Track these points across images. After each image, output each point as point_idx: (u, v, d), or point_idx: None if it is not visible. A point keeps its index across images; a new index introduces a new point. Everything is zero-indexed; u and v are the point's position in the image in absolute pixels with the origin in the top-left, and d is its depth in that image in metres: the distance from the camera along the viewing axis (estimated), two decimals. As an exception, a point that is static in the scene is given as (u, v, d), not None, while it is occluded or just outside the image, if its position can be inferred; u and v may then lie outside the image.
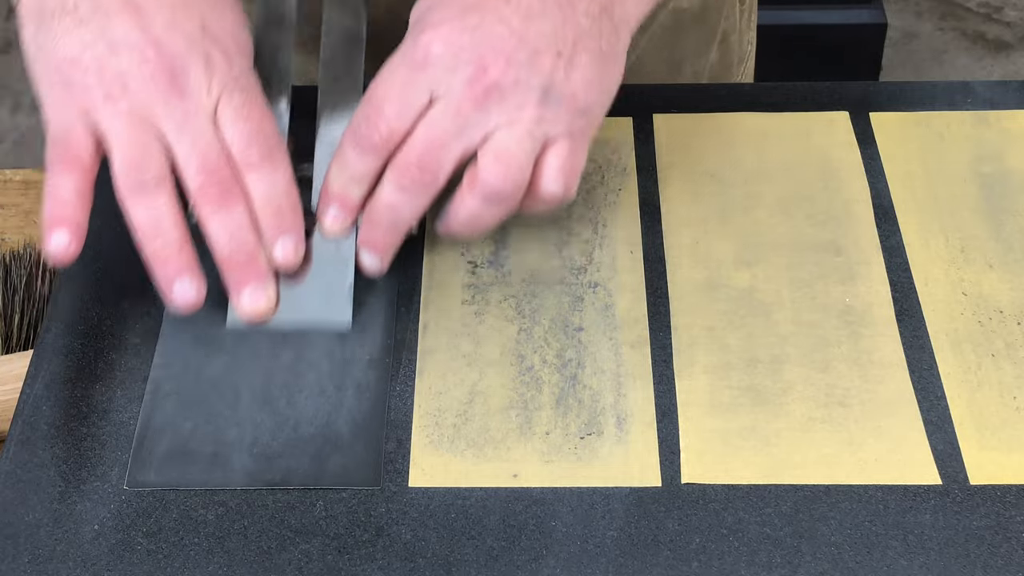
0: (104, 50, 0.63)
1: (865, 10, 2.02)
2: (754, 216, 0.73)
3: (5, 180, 0.94)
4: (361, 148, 0.64)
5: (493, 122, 0.62)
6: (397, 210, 0.64)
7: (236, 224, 0.63)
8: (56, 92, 0.63)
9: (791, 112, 0.78)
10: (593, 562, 0.58)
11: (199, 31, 0.64)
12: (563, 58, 0.63)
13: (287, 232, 0.65)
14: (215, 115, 0.64)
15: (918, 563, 0.58)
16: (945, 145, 0.76)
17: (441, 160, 0.63)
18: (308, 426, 0.63)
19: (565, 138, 0.64)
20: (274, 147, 0.65)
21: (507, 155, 0.62)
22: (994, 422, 0.63)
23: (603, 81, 0.65)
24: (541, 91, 0.62)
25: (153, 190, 0.62)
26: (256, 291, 0.65)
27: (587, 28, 0.64)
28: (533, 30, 0.63)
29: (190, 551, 0.59)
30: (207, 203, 0.63)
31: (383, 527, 0.60)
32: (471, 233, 0.66)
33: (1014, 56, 2.28)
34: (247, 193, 0.64)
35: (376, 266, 0.67)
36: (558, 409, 0.64)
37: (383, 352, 0.66)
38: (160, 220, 0.62)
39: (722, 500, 0.60)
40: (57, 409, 0.64)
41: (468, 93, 0.62)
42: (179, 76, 0.63)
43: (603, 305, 0.68)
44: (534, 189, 0.64)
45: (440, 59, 0.62)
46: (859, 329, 0.67)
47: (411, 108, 0.63)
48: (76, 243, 0.62)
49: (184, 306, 0.63)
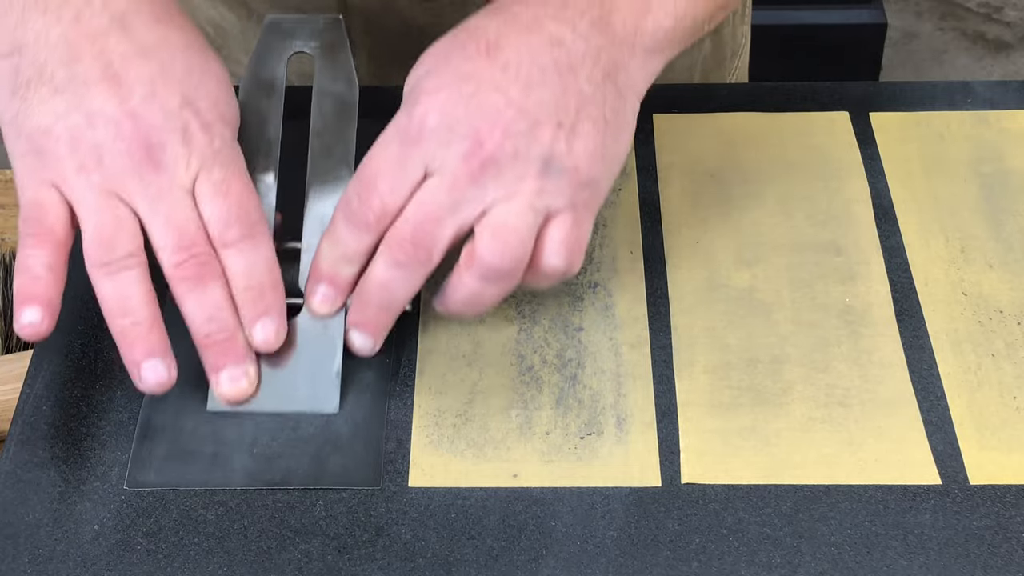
0: (79, 121, 0.60)
1: (865, 10, 2.01)
2: (754, 216, 0.73)
3: (5, 180, 0.94)
4: (353, 225, 0.62)
5: (491, 197, 0.60)
6: (390, 289, 0.62)
7: (213, 304, 0.61)
8: (28, 162, 0.61)
9: (791, 112, 0.78)
10: (593, 562, 0.58)
11: (179, 103, 0.61)
12: (564, 128, 0.60)
13: (267, 313, 0.62)
14: (193, 191, 0.61)
15: (918, 563, 0.58)
16: (945, 145, 0.77)
17: (436, 236, 0.60)
18: (308, 426, 0.63)
19: (568, 211, 0.61)
20: (255, 224, 0.62)
21: (505, 230, 0.60)
22: (994, 422, 0.63)
23: (608, 151, 0.62)
24: (541, 163, 0.60)
25: (122, 267, 0.60)
26: (235, 373, 0.62)
27: (590, 95, 0.61)
28: (532, 99, 0.60)
29: (190, 551, 0.59)
30: (183, 283, 0.61)
31: (383, 527, 0.60)
32: (471, 312, 0.63)
33: (1014, 56, 2.28)
34: (226, 271, 0.61)
35: (368, 347, 0.64)
36: (558, 409, 0.64)
37: (383, 352, 0.66)
38: (128, 298, 0.60)
39: (722, 500, 0.60)
40: (57, 409, 0.64)
41: (464, 168, 0.60)
42: (155, 150, 0.60)
43: (603, 305, 0.68)
44: (536, 264, 0.61)
45: (434, 132, 0.60)
46: (859, 329, 0.67)
47: (405, 183, 0.61)
48: (48, 320, 0.60)
49: (154, 388, 0.61)
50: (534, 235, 0.61)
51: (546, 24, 0.61)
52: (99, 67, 0.61)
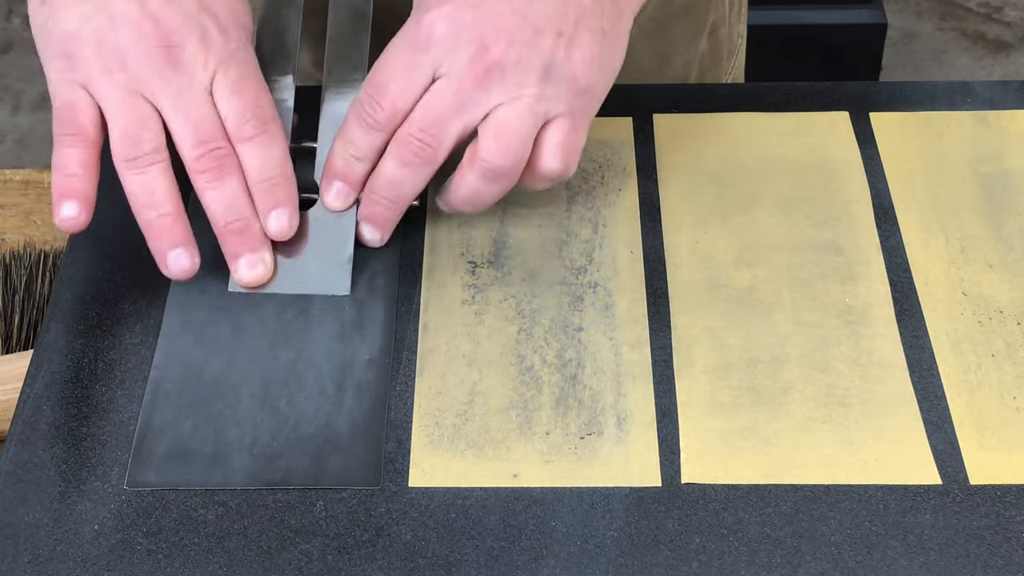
0: (103, 23, 0.64)
1: (865, 10, 2.01)
2: (754, 216, 0.73)
3: (5, 180, 0.94)
4: (365, 125, 0.66)
5: (494, 100, 0.64)
6: (398, 185, 0.66)
7: (231, 196, 0.65)
8: (57, 65, 0.65)
9: (791, 112, 0.78)
10: (593, 562, 0.58)
11: (196, 6, 0.65)
12: (564, 37, 0.64)
13: (281, 205, 0.66)
14: (211, 89, 0.65)
15: (918, 563, 0.58)
16: (945, 145, 0.76)
17: (442, 136, 0.64)
18: (308, 426, 0.63)
19: (566, 116, 0.65)
20: (269, 120, 0.66)
21: (507, 131, 0.64)
22: (994, 422, 0.63)
23: (604, 61, 0.66)
24: (542, 69, 0.64)
25: (147, 163, 0.64)
26: (253, 260, 0.67)
27: (589, 8, 0.65)
28: (535, 9, 0.64)
29: (190, 551, 0.59)
30: (202, 175, 0.65)
31: (383, 527, 0.60)
32: (472, 208, 0.67)
33: (1014, 56, 2.28)
34: (242, 165, 0.66)
35: (377, 239, 0.69)
36: (558, 409, 0.64)
37: (383, 352, 0.66)
38: (154, 192, 0.64)
39: (722, 500, 0.60)
40: (57, 409, 0.64)
41: (469, 71, 0.63)
42: (175, 50, 0.64)
43: (603, 305, 0.68)
44: (533, 165, 0.65)
45: (443, 39, 0.64)
46: (859, 329, 0.67)
47: (414, 86, 0.65)
48: (85, 214, 0.64)
49: (179, 275, 0.66)
50: (533, 137, 0.65)
51: None
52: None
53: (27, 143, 2.20)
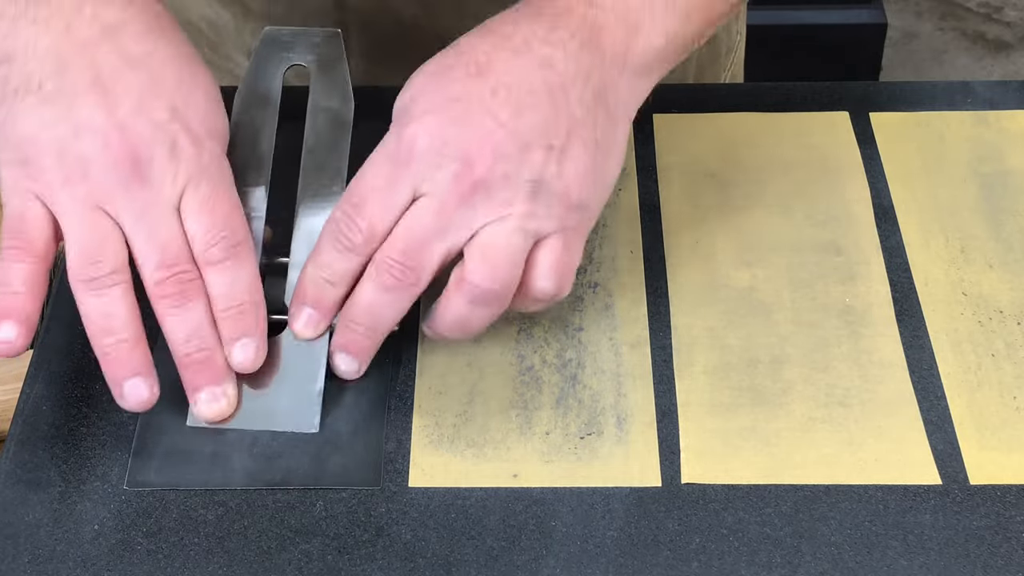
0: (66, 131, 0.60)
1: (865, 10, 2.01)
2: (754, 216, 0.73)
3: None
4: (341, 247, 0.61)
5: (480, 219, 0.60)
6: (377, 312, 0.61)
7: (194, 324, 0.61)
8: (13, 171, 0.60)
9: (791, 112, 0.78)
10: (593, 562, 0.58)
11: (168, 115, 0.61)
12: (555, 151, 0.60)
13: (247, 334, 0.61)
14: (179, 205, 0.61)
15: (918, 563, 0.58)
16: (945, 145, 0.76)
17: (424, 260, 0.60)
18: (308, 426, 0.63)
19: (558, 234, 0.61)
20: (239, 242, 0.62)
21: (495, 253, 0.60)
22: (994, 422, 0.63)
23: (599, 174, 0.62)
24: (532, 186, 0.60)
25: (106, 284, 0.59)
26: (214, 394, 0.62)
27: (581, 118, 0.61)
28: (523, 122, 0.60)
29: (190, 551, 0.59)
30: (164, 300, 0.60)
31: (383, 527, 0.60)
32: (461, 335, 0.63)
33: (1014, 56, 2.28)
34: (208, 290, 0.61)
35: (354, 370, 0.64)
36: (558, 409, 0.64)
37: (383, 352, 0.66)
38: (112, 316, 0.59)
39: (722, 500, 0.60)
40: (57, 409, 0.64)
41: (453, 190, 0.59)
42: (142, 164, 0.60)
43: (603, 305, 0.68)
44: (525, 287, 0.61)
45: (424, 155, 0.60)
46: (859, 329, 0.67)
47: (394, 206, 0.60)
48: (24, 337, 0.59)
49: (135, 407, 0.61)
50: (524, 258, 0.60)
51: (536, 46, 0.61)
52: (88, 77, 0.60)
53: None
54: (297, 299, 0.63)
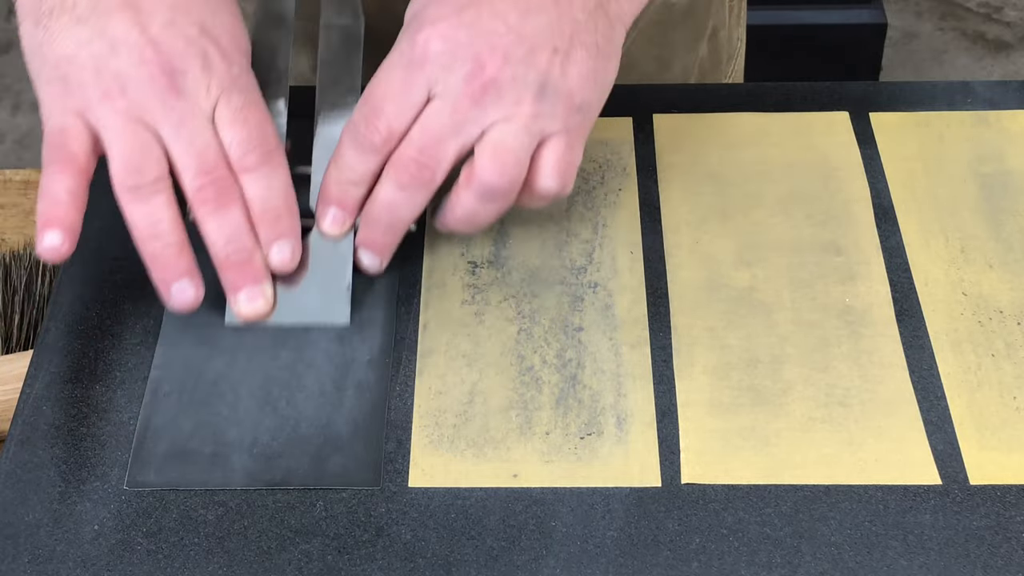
0: (102, 48, 0.62)
1: (865, 10, 2.01)
2: (754, 216, 0.73)
3: (5, 180, 0.95)
4: (360, 148, 0.64)
5: (490, 118, 0.63)
6: (396, 209, 0.65)
7: (233, 226, 0.63)
8: (53, 89, 0.63)
9: (791, 112, 0.78)
10: (593, 562, 0.58)
11: (197, 31, 0.64)
12: (559, 54, 0.63)
13: (283, 236, 0.65)
14: (213, 116, 0.64)
15: (918, 563, 0.58)
16: (945, 145, 0.76)
17: (439, 157, 0.63)
18: (308, 426, 0.63)
19: (562, 134, 0.64)
20: (272, 150, 0.65)
21: (503, 151, 0.63)
22: (994, 422, 0.63)
23: (599, 77, 0.65)
24: (538, 87, 0.63)
25: (151, 192, 0.62)
26: (253, 293, 0.65)
27: (583, 23, 0.64)
28: (529, 26, 0.63)
29: (190, 551, 0.59)
30: (204, 205, 0.63)
31: (383, 527, 0.60)
32: (469, 229, 0.66)
33: (1014, 56, 2.28)
34: (244, 195, 0.64)
35: (376, 265, 0.67)
36: (558, 409, 0.64)
37: (383, 352, 0.66)
38: (158, 222, 0.62)
39: (722, 500, 0.60)
40: (57, 409, 0.64)
41: (465, 90, 0.62)
42: (177, 76, 0.63)
43: (603, 305, 0.68)
44: (530, 185, 0.64)
45: (437, 57, 0.62)
46: (859, 329, 0.67)
47: (409, 107, 0.63)
48: (69, 243, 0.62)
49: (182, 307, 0.64)
50: (529, 156, 0.63)
51: None
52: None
53: (27, 143, 2.20)
54: (322, 200, 0.66)
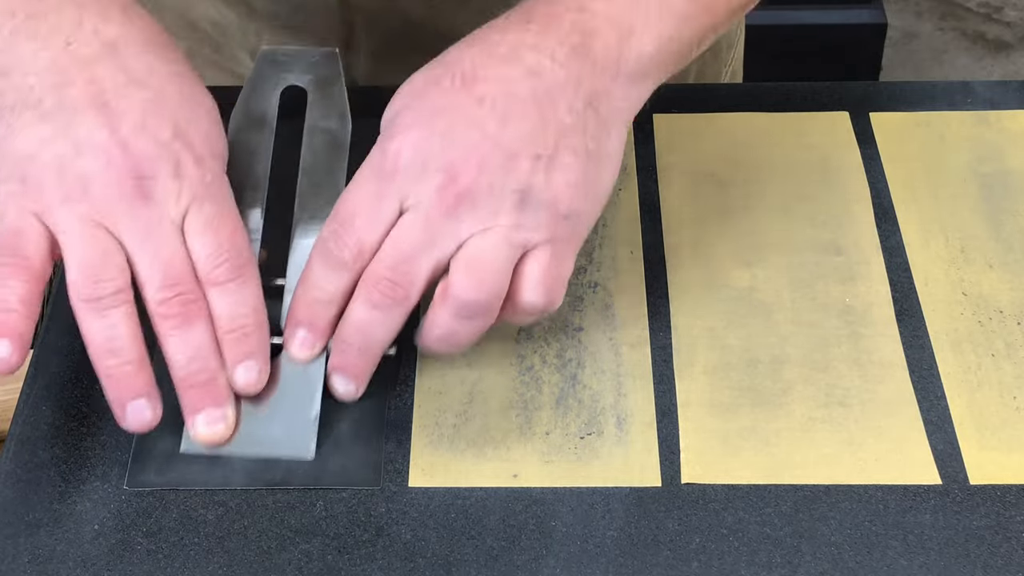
0: (66, 149, 0.58)
1: (865, 10, 2.01)
2: (754, 216, 0.73)
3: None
4: (330, 265, 0.60)
5: (466, 231, 0.59)
6: (369, 330, 0.60)
7: (197, 344, 0.59)
8: (10, 188, 0.59)
9: (791, 112, 0.78)
10: (593, 562, 0.58)
11: (171, 134, 0.60)
12: (543, 160, 0.59)
13: (251, 356, 0.60)
14: (182, 225, 0.60)
15: (918, 563, 0.58)
16: (945, 145, 0.77)
17: (413, 275, 0.59)
18: (308, 426, 0.63)
19: (547, 245, 0.60)
20: (244, 263, 0.61)
21: (480, 265, 0.59)
22: (994, 422, 0.63)
23: (591, 182, 0.61)
24: (518, 196, 0.59)
25: (110, 304, 0.58)
26: (213, 416, 0.60)
27: (571, 125, 0.60)
28: (509, 132, 0.59)
29: (190, 551, 0.59)
30: (167, 320, 0.59)
31: (383, 527, 0.60)
32: (449, 349, 0.62)
33: (1014, 56, 2.28)
34: (211, 310, 0.60)
35: (351, 392, 0.62)
36: (558, 409, 0.64)
37: (381, 361, 0.66)
38: (116, 338, 0.58)
39: (722, 500, 0.60)
40: (57, 409, 0.64)
41: (438, 202, 0.59)
42: (146, 182, 0.59)
43: (603, 305, 0.68)
44: (513, 300, 0.60)
45: (409, 168, 0.59)
46: (859, 329, 0.67)
47: (381, 221, 0.60)
48: (19, 355, 0.57)
49: (139, 428, 0.60)
50: (510, 270, 0.59)
51: (524, 54, 0.60)
52: (89, 94, 0.59)
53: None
54: (291, 321, 0.62)
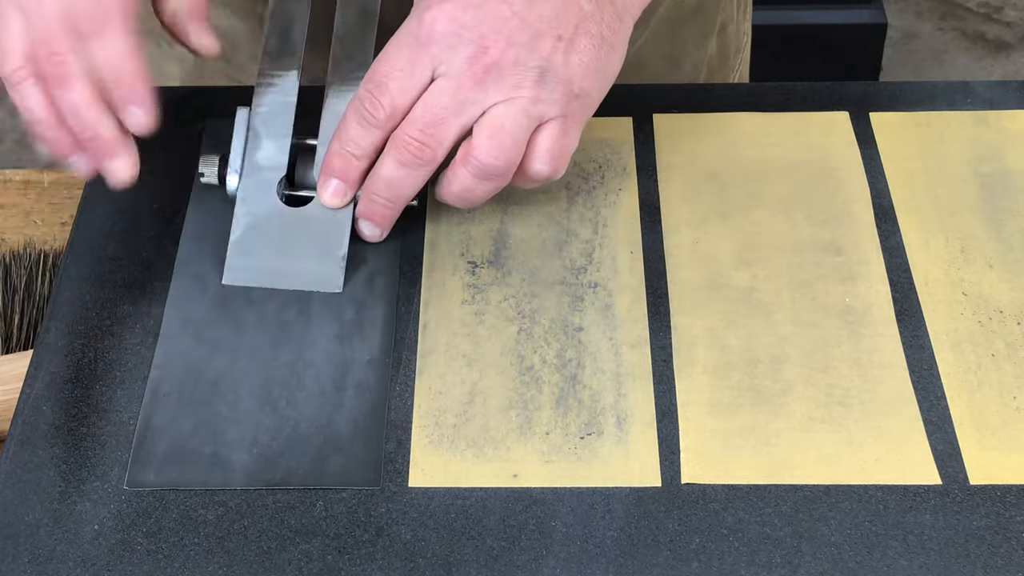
0: None
1: (865, 10, 2.01)
2: (754, 216, 0.73)
3: (5, 180, 0.94)
4: (364, 123, 0.66)
5: (491, 100, 0.64)
6: (396, 185, 0.67)
7: (73, 103, 0.65)
8: None
9: (791, 112, 0.78)
10: (593, 562, 0.58)
11: None
12: (563, 41, 0.65)
13: (133, 101, 0.65)
14: None
15: (918, 563, 0.58)
16: (945, 145, 0.76)
17: (440, 136, 0.65)
18: (308, 426, 0.63)
19: (559, 119, 0.65)
20: (110, 14, 0.65)
21: (501, 132, 0.64)
22: (994, 422, 0.63)
23: (602, 67, 0.66)
24: (539, 72, 0.64)
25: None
26: (116, 165, 0.66)
27: (589, 13, 0.65)
28: (535, 12, 0.64)
29: (190, 551, 0.59)
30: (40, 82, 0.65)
31: (383, 527, 0.60)
32: (464, 204, 0.68)
33: (1014, 56, 2.28)
34: (87, 67, 0.64)
35: (376, 235, 0.69)
36: (558, 409, 0.64)
37: (383, 352, 0.66)
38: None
39: (722, 500, 0.60)
40: (57, 409, 0.64)
41: (468, 71, 0.64)
42: None
43: (603, 305, 0.68)
44: (524, 167, 0.66)
45: (443, 37, 0.64)
46: (859, 329, 0.67)
47: (414, 84, 0.65)
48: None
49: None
50: (526, 139, 0.65)
51: None
52: None
53: (27, 143, 2.20)
54: (324, 171, 0.68)
